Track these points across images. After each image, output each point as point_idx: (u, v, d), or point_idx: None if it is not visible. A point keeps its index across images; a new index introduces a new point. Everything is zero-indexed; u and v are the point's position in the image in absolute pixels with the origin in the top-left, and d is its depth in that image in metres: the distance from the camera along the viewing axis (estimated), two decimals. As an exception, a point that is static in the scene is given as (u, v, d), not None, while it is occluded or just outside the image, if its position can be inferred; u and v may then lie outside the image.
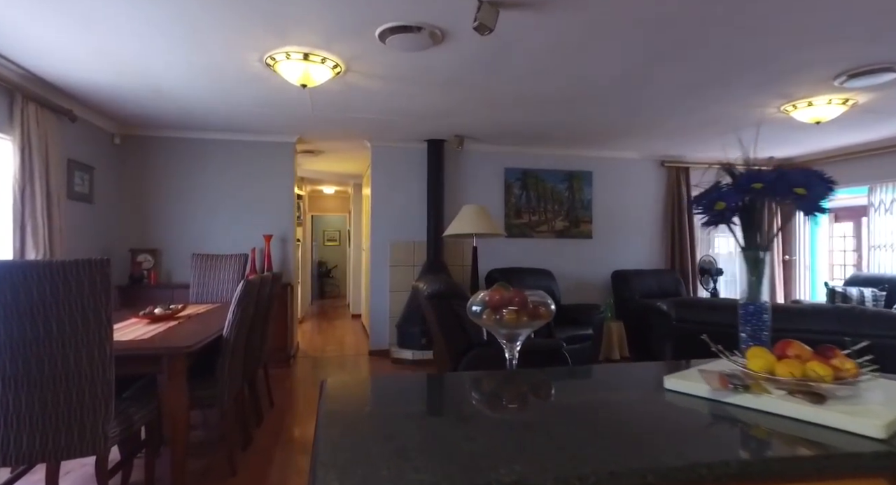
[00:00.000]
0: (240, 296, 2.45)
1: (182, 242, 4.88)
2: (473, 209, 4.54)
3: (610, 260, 5.96)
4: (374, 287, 5.40)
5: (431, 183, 5.30)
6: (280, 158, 5.15)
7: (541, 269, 5.51)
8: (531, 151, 5.76)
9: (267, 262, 4.90)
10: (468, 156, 5.63)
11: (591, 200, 5.93)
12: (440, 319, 3.26)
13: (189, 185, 4.92)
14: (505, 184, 5.72)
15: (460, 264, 5.56)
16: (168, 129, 4.80)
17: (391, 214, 5.42)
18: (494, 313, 1.51)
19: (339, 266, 11.75)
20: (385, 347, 5.38)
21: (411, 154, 5.47)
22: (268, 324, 3.45)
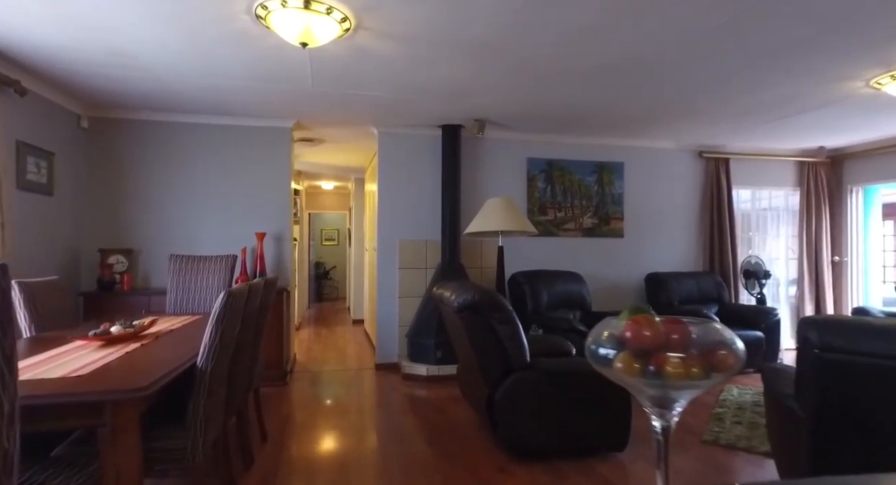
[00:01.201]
0: (219, 312, 1.82)
1: (161, 242, 4.24)
2: (500, 203, 3.92)
3: (643, 261, 5.36)
4: (381, 292, 4.77)
5: (446, 175, 4.68)
6: (275, 145, 4.51)
7: (569, 272, 4.90)
8: (557, 140, 5.15)
9: (260, 263, 4.27)
10: (487, 145, 5.01)
11: (623, 194, 5.33)
12: (473, 336, 2.64)
13: (170, 175, 4.28)
14: (528, 176, 5.10)
15: (478, 266, 4.94)
16: (144, 110, 4.15)
17: (400, 209, 4.80)
18: (640, 361, 0.89)
19: (337, 267, 11.12)
20: (393, 361, 4.76)
21: (423, 142, 4.85)
22: (260, 341, 2.82)
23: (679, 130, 4.92)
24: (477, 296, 2.57)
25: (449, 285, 2.93)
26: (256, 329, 2.65)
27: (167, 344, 2.15)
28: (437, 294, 3.04)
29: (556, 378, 2.61)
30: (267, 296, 2.78)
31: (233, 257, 3.44)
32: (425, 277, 4.82)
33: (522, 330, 2.64)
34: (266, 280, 2.68)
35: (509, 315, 2.61)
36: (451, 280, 3.23)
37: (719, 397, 3.69)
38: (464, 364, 3.11)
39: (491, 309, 2.59)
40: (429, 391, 4.04)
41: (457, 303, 2.60)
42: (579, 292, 4.75)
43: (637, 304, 1.17)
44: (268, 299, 2.84)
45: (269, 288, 2.81)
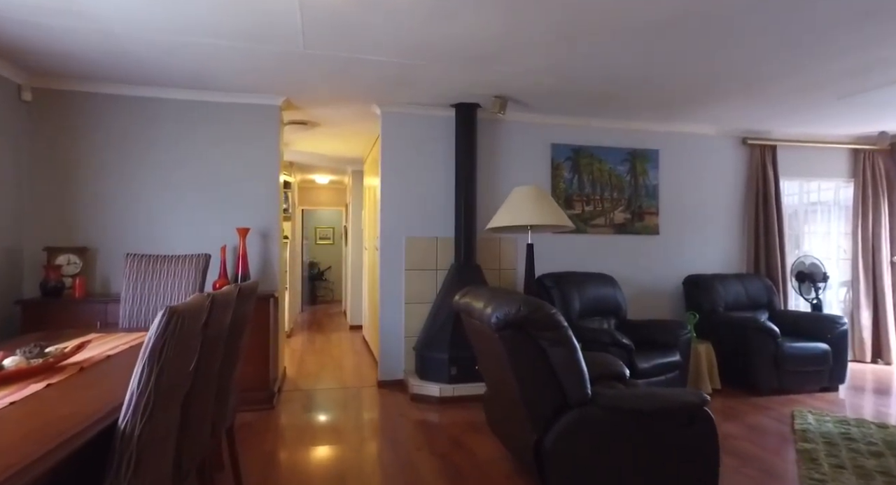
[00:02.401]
0: (154, 343, 1.17)
1: (124, 239, 3.56)
2: (529, 192, 3.28)
3: (680, 262, 4.74)
4: (384, 297, 4.12)
5: (461, 162, 4.03)
6: (261, 126, 3.85)
7: (601, 274, 4.26)
8: (585, 123, 4.52)
9: (242, 264, 3.60)
10: (506, 128, 4.37)
11: (658, 185, 4.70)
12: (516, 362, 2.00)
13: (135, 160, 3.60)
14: (552, 164, 4.47)
15: (496, 268, 4.30)
16: (102, 81, 3.48)
17: (407, 202, 4.14)
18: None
19: (333, 267, 10.44)
20: (399, 377, 4.10)
21: (434, 124, 4.20)
22: (234, 369, 2.16)
23: (722, 113, 4.30)
24: (524, 309, 1.92)
25: (479, 293, 2.29)
26: (228, 354, 1.99)
27: (92, 381, 1.49)
28: (463, 304, 2.39)
29: (628, 418, 1.98)
30: (243, 308, 2.13)
31: (205, 257, 2.78)
32: (435, 280, 4.17)
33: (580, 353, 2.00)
34: (241, 287, 2.02)
35: (565, 335, 1.96)
36: (478, 286, 2.58)
37: (795, 426, 3.07)
38: (496, 392, 2.46)
39: (541, 326, 1.95)
40: (443, 416, 3.40)
41: (496, 318, 1.95)
42: (614, 298, 4.11)
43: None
44: (244, 312, 2.18)
45: (247, 297, 2.16)
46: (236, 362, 2.20)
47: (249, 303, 2.25)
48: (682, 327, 3.74)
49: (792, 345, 3.76)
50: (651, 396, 2.01)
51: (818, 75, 3.35)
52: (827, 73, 3.31)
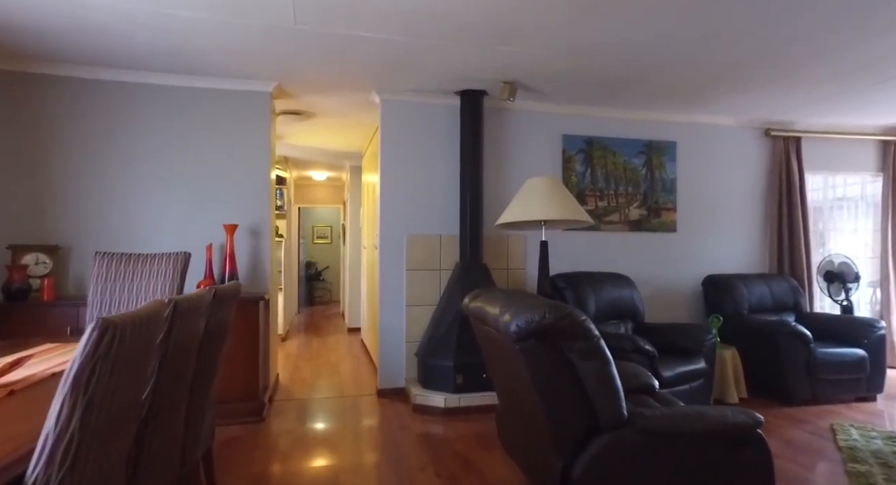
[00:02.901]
0: (76, 370, 0.88)
1: (100, 236, 3.27)
2: (544, 184, 2.99)
3: (699, 260, 4.45)
4: (384, 299, 3.82)
5: (466, 154, 3.74)
6: (251, 115, 3.56)
7: (616, 273, 3.97)
8: (598, 113, 4.23)
9: (229, 264, 3.31)
10: (515, 118, 4.08)
11: (675, 180, 4.41)
12: (538, 377, 1.71)
13: (112, 151, 3.31)
14: (563, 157, 4.18)
15: (503, 267, 4.01)
16: (73, 63, 3.18)
17: (409, 197, 3.85)
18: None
19: (331, 267, 10.15)
20: (400, 385, 3.81)
21: (437, 113, 3.90)
22: (209, 387, 1.87)
23: (744, 102, 4.01)
24: (549, 316, 1.63)
25: (493, 297, 1.99)
26: (204, 368, 1.70)
27: (16, 411, 1.20)
28: (474, 309, 2.10)
29: (670, 442, 1.69)
30: (221, 313, 1.83)
31: (184, 256, 2.49)
32: (439, 280, 3.88)
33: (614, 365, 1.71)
34: (218, 290, 1.73)
35: (597, 346, 1.67)
36: (490, 289, 2.29)
37: (838, 442, 2.78)
38: (511, 407, 2.17)
39: (570, 336, 1.66)
40: (448, 429, 3.11)
41: (515, 326, 1.66)
42: (630, 299, 3.82)
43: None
44: (223, 318, 1.89)
45: (226, 301, 1.86)
46: (214, 376, 1.91)
47: (229, 307, 1.96)
48: (706, 332, 3.45)
49: (825, 351, 3.48)
50: (697, 416, 1.72)
51: (857, 58, 3.06)
52: (867, 56, 3.03)
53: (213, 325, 1.78)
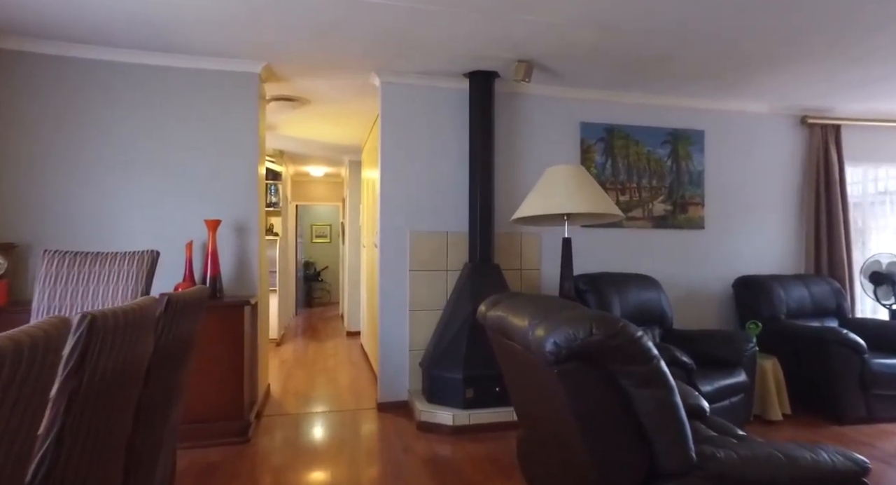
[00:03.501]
0: None
1: (62, 233, 2.91)
2: (567, 174, 2.62)
3: (729, 260, 4.07)
4: (384, 303, 3.46)
5: (476, 143, 3.37)
6: (237, 97, 3.19)
7: (640, 275, 3.60)
8: (619, 98, 3.85)
9: (211, 264, 2.94)
10: (528, 104, 3.71)
11: (703, 172, 4.04)
12: (581, 406, 1.35)
13: (77, 137, 2.95)
14: (582, 146, 3.81)
15: (516, 268, 3.64)
16: (34, 38, 2.82)
17: (412, 190, 3.48)
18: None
19: (330, 267, 9.79)
20: (403, 399, 3.45)
21: (443, 97, 3.54)
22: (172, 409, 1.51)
23: (778, 86, 3.64)
24: (597, 332, 1.26)
25: (518, 305, 1.63)
26: (155, 400, 1.34)
27: None
28: (494, 319, 1.73)
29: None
30: (181, 327, 1.47)
31: (150, 255, 2.12)
32: (446, 282, 3.52)
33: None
34: (173, 298, 1.37)
35: (657, 371, 1.31)
36: (512, 294, 1.92)
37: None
38: (538, 436, 1.80)
39: (624, 358, 1.29)
40: (457, 450, 2.74)
41: (552, 344, 1.29)
42: (658, 303, 3.45)
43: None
44: (185, 333, 1.52)
45: (185, 311, 1.50)
46: (174, 404, 1.54)
47: (194, 317, 1.59)
48: (746, 340, 3.08)
49: (882, 362, 3.10)
50: (786, 461, 1.34)
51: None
52: (937, 25, 2.65)
53: (172, 341, 1.41)
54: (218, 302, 2.80)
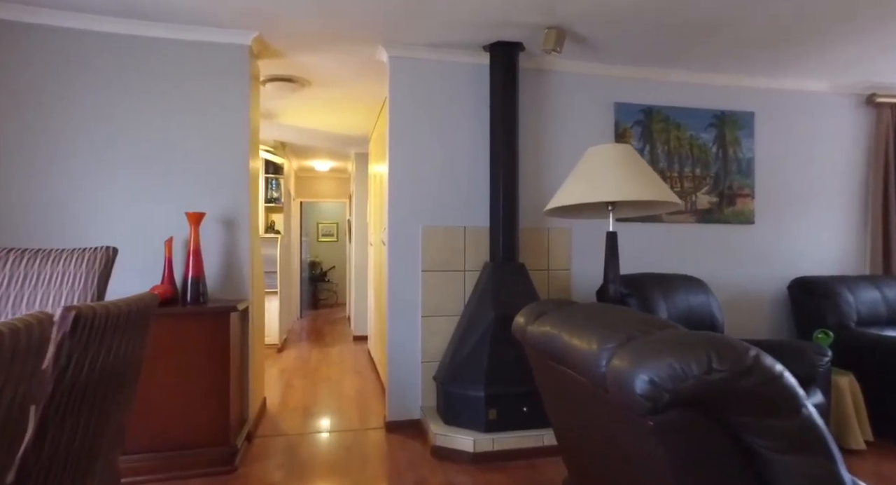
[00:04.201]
0: None
1: (20, 228, 2.52)
2: (614, 154, 2.18)
3: (783, 259, 3.60)
4: (393, 307, 3.03)
5: (498, 125, 2.94)
6: (224, 73, 2.79)
7: (687, 276, 3.14)
8: (659, 76, 3.40)
9: (193, 263, 2.54)
10: (557, 81, 3.27)
11: (753, 159, 3.57)
12: (686, 472, 0.87)
13: (41, 116, 2.56)
14: (616, 130, 3.36)
15: (543, 268, 3.21)
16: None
17: (424, 179, 3.06)
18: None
19: (337, 267, 9.41)
20: (415, 417, 3.02)
21: (460, 74, 3.11)
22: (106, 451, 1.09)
23: (843, 60, 3.17)
24: (719, 367, 0.83)
25: (575, 317, 1.20)
26: (82, 440, 0.92)
27: None
28: (539, 337, 1.30)
29: None
30: (118, 346, 1.05)
31: (106, 252, 1.72)
32: (463, 284, 3.09)
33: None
34: (79, 315, 0.94)
35: (810, 427, 0.86)
36: (561, 303, 1.49)
37: None
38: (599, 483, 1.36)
39: (756, 406, 0.85)
40: (478, 483, 2.31)
41: (649, 385, 0.85)
42: (707, 308, 3.00)
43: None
44: (123, 354, 1.11)
45: (119, 329, 1.08)
46: (98, 451, 1.13)
47: (135, 335, 1.17)
48: (820, 353, 2.61)
49: (983, 379, 2.61)
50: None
51: None
52: None
53: (91, 372, 1.00)
54: (200, 308, 2.39)
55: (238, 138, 2.81)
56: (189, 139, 2.74)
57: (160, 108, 2.70)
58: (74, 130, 2.59)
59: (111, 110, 2.64)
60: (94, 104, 2.62)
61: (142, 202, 2.67)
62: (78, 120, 2.60)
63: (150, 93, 2.69)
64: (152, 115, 2.69)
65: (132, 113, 2.66)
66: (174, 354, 2.32)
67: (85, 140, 2.60)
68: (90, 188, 2.60)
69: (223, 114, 2.78)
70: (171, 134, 2.71)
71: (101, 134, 2.62)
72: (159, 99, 2.70)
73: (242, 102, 2.82)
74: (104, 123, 2.63)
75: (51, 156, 2.56)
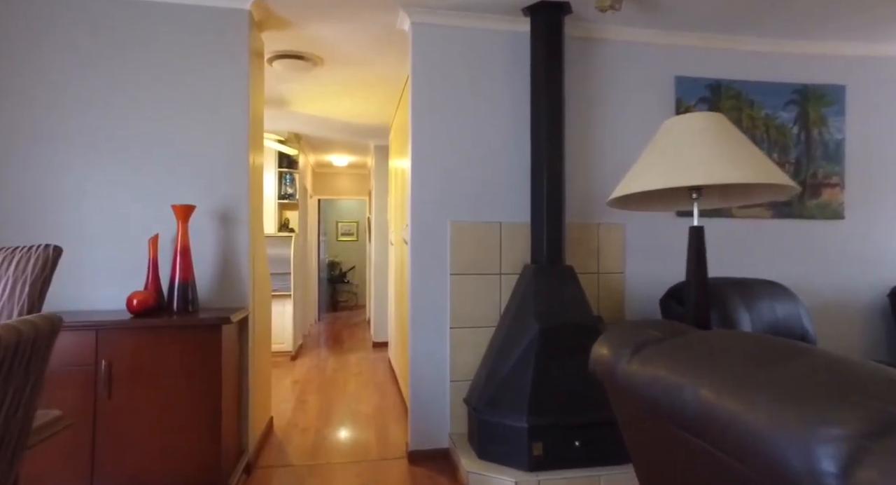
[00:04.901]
0: None
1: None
2: (704, 125, 1.69)
3: (880, 261, 3.03)
4: (416, 317, 2.59)
5: (540, 103, 2.48)
6: (219, 44, 2.39)
7: (768, 281, 2.61)
8: (728, 44, 2.88)
9: (180, 264, 2.15)
10: (607, 51, 2.78)
11: (844, 141, 3.01)
12: None
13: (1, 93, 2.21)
14: (677, 108, 2.85)
15: (592, 270, 2.72)
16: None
17: (452, 167, 2.60)
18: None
19: (357, 267, 9.05)
20: (442, 446, 2.57)
21: (494, 43, 2.65)
22: None
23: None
24: None
25: (724, 359, 0.72)
26: None
27: None
28: (648, 383, 0.83)
29: None
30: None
31: (46, 252, 1.32)
32: (499, 290, 2.62)
33: None
34: None
35: None
36: (685, 332, 1.02)
37: None
38: None
39: None
40: (524, 540, 1.84)
41: None
42: (798, 320, 2.46)
43: None
44: None
45: None
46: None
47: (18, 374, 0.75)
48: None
49: None
50: None
51: None
52: None
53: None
54: (186, 319, 1.99)
55: (236, 122, 2.40)
56: (175, 119, 2.35)
57: (144, 84, 2.32)
58: (41, 107, 2.23)
59: (84, 84, 2.26)
60: (64, 77, 2.25)
61: (123, 193, 2.28)
62: (44, 94, 2.23)
63: (131, 67, 2.30)
64: (135, 93, 2.31)
65: (111, 89, 2.28)
66: (154, 376, 1.92)
67: (53, 120, 2.23)
68: (59, 175, 2.23)
69: (219, 94, 2.38)
70: (156, 115, 2.33)
71: (73, 113, 2.25)
72: (143, 74, 2.31)
73: (241, 80, 2.41)
74: (76, 100, 2.26)
75: (9, 137, 2.20)
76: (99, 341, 1.88)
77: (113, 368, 1.89)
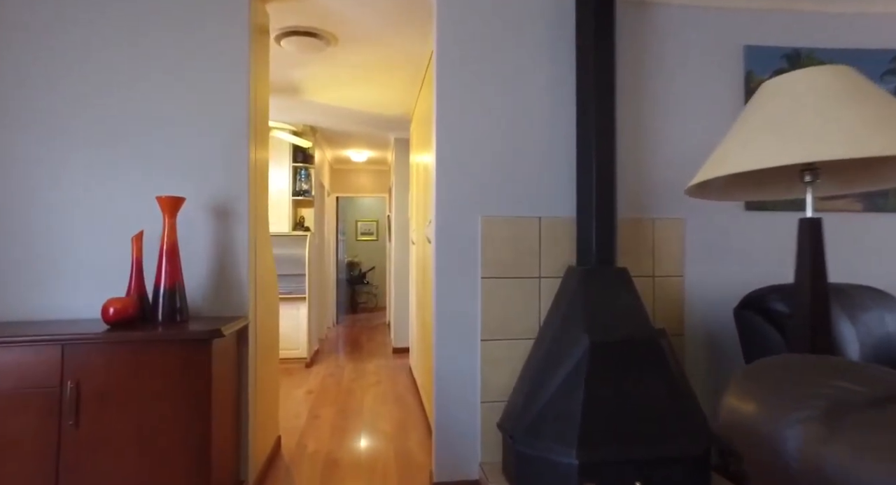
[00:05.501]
0: None
1: (-49, 218, 1.90)
2: (821, 81, 1.27)
3: None
4: (441, 327, 2.22)
5: (587, 80, 2.09)
6: (213, 14, 2.08)
7: (871, 288, 2.16)
8: (808, 6, 2.44)
9: (167, 266, 1.83)
10: (663, 18, 2.38)
11: (948, 120, 2.52)
12: None
13: (-23, 70, 1.93)
14: (747, 82, 2.42)
15: (647, 274, 2.32)
16: None
17: (483, 154, 2.23)
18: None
19: (377, 268, 8.76)
20: (471, 478, 2.20)
21: (531, 9, 2.27)
22: None
23: None
24: None
25: None
26: None
27: None
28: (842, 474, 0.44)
29: None
30: None
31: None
32: (538, 296, 2.24)
33: None
34: None
35: None
36: (886, 401, 0.63)
37: None
38: None
39: None
40: None
41: None
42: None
43: None
44: None
45: None
46: None
47: None
48: None
49: None
50: None
51: None
52: None
53: None
54: (169, 333, 1.67)
55: (234, 106, 2.08)
56: (164, 102, 2.04)
57: (128, 61, 2.02)
58: (19, 85, 1.94)
59: (58, 60, 1.97)
60: (34, 49, 1.96)
61: (103, 184, 1.99)
62: (18, 74, 1.95)
63: (111, 39, 2.01)
64: (113, 69, 2.01)
65: (89, 66, 1.99)
66: (131, 399, 1.61)
67: (21, 100, 1.95)
68: (32, 164, 1.95)
69: (213, 73, 2.07)
70: (142, 97, 2.02)
71: (45, 92, 1.96)
72: (123, 46, 2.01)
73: (240, 58, 2.09)
74: (48, 78, 1.97)
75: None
76: (65, 358, 1.58)
77: (81, 390, 1.58)
